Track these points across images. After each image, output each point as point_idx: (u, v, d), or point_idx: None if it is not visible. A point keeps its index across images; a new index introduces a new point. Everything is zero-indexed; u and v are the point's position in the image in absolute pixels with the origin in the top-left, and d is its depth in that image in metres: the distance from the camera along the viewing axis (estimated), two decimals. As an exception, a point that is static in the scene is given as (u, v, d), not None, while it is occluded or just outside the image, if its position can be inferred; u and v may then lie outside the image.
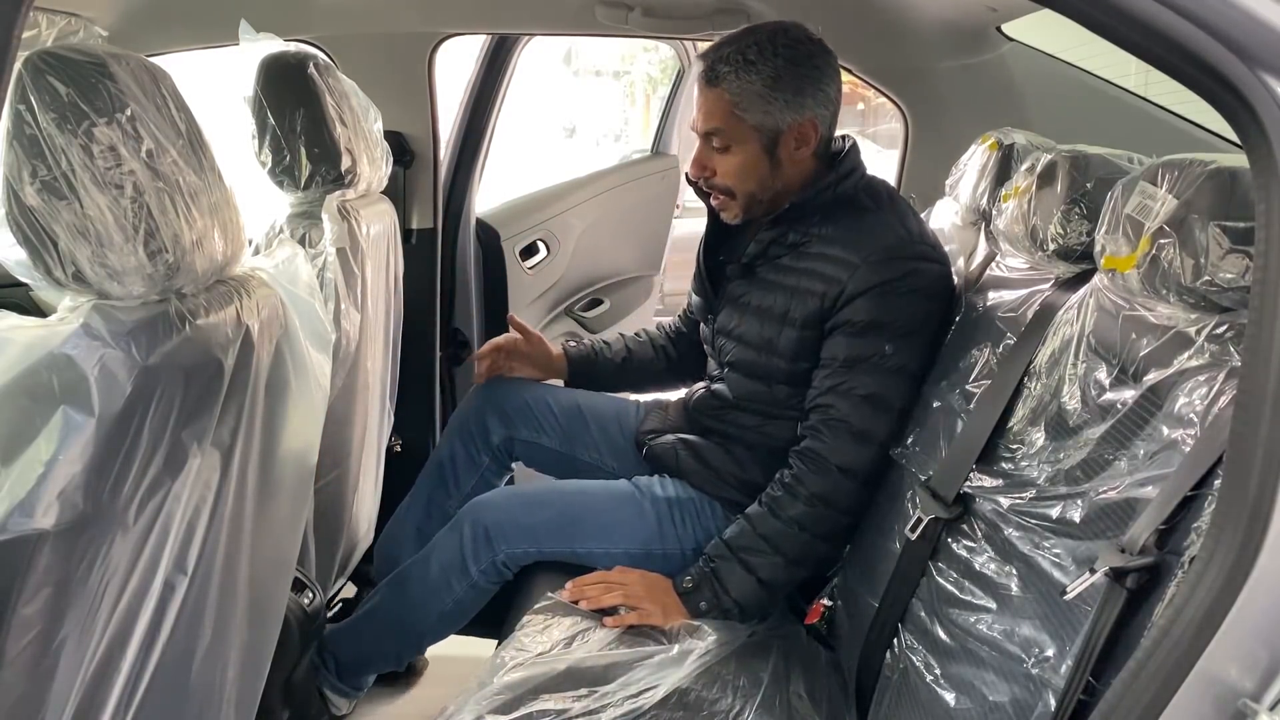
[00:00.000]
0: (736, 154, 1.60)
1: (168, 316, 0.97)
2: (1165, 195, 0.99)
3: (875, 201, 1.62)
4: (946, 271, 1.61)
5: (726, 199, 1.65)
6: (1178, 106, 1.98)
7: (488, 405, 1.90)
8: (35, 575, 0.84)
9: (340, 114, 1.78)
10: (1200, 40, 0.74)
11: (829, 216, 1.60)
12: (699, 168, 1.64)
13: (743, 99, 1.56)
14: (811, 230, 1.60)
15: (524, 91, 2.93)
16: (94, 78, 0.91)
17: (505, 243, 2.66)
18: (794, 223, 1.62)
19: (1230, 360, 0.92)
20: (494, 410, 1.88)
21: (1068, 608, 0.98)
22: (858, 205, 1.61)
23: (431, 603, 1.66)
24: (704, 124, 1.60)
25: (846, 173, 1.61)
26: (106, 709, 0.96)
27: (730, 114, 1.57)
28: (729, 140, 1.59)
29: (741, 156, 1.60)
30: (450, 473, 1.88)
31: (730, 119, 1.57)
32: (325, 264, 1.64)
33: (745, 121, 1.57)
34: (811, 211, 1.61)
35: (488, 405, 1.90)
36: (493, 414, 1.88)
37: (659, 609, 1.50)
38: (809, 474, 1.53)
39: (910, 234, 1.58)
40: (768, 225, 1.65)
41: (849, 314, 1.53)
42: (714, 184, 1.64)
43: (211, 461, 1.06)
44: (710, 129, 1.59)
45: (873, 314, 1.52)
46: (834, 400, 1.53)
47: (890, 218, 1.60)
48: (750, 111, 1.56)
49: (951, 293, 1.61)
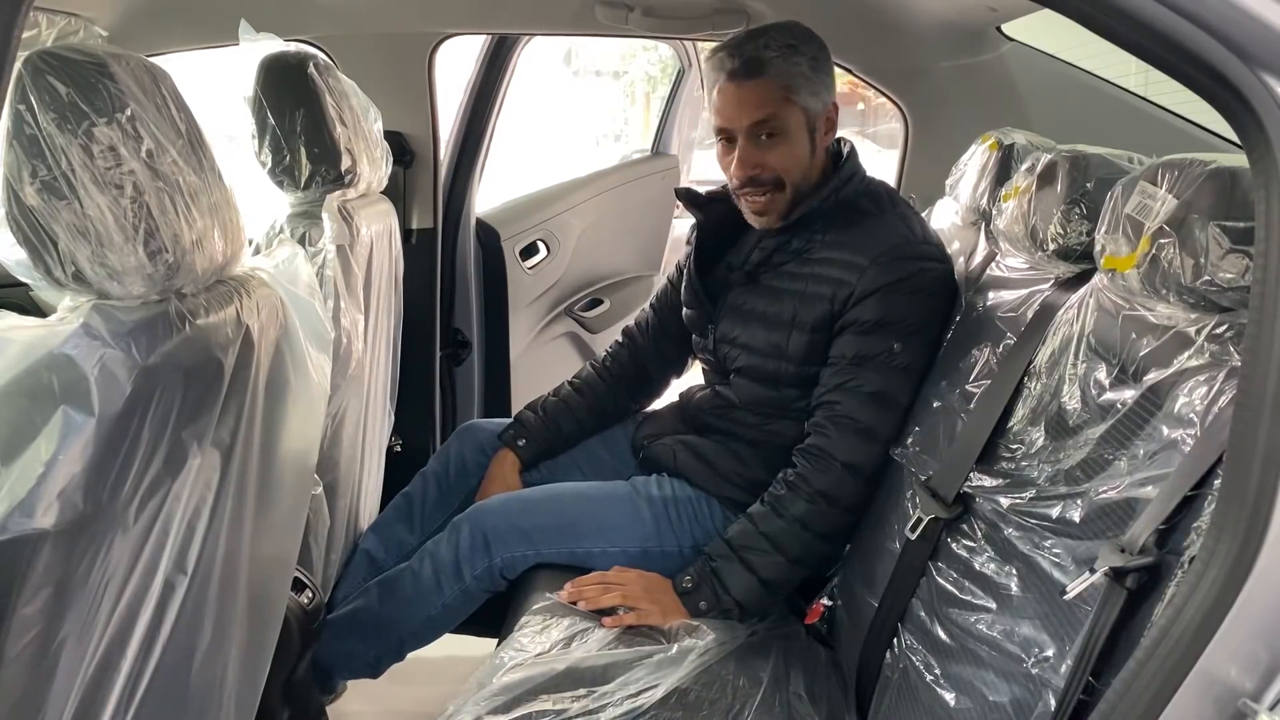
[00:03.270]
0: (786, 143, 1.58)
1: (168, 316, 0.97)
2: (1165, 195, 0.99)
3: (877, 205, 1.63)
4: (950, 271, 1.62)
5: (772, 197, 1.61)
6: (1178, 106, 1.98)
7: (467, 448, 1.90)
8: (35, 575, 0.84)
9: (340, 114, 1.78)
10: (1200, 40, 0.74)
11: (832, 222, 1.61)
12: (748, 166, 1.59)
13: (794, 81, 1.56)
14: (815, 236, 1.61)
15: (523, 92, 2.93)
16: (94, 78, 0.91)
17: (505, 243, 2.66)
18: (798, 229, 1.62)
19: (1230, 360, 0.92)
20: (473, 453, 1.87)
21: (1068, 608, 0.98)
22: (859, 209, 1.62)
23: (419, 606, 1.66)
24: (752, 116, 1.56)
25: (848, 177, 1.62)
26: (106, 709, 0.96)
27: (784, 99, 1.56)
28: (779, 128, 1.57)
29: (790, 145, 1.58)
30: (419, 510, 1.86)
31: (783, 104, 1.56)
32: (325, 264, 1.64)
33: (797, 104, 1.57)
34: (815, 218, 1.61)
35: (467, 448, 1.90)
36: (472, 457, 1.87)
37: (658, 609, 1.50)
38: (814, 471, 1.53)
39: (915, 235, 1.60)
40: (770, 233, 1.65)
41: (858, 313, 1.54)
42: (764, 180, 1.60)
43: (211, 461, 1.06)
44: (760, 118, 1.56)
45: (881, 313, 1.53)
46: (841, 397, 1.54)
47: (893, 219, 1.61)
48: (801, 94, 1.57)
49: (955, 292, 1.61)
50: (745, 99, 1.56)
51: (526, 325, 2.80)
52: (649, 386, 1.98)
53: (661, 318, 1.93)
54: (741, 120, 1.57)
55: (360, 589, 1.75)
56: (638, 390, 1.97)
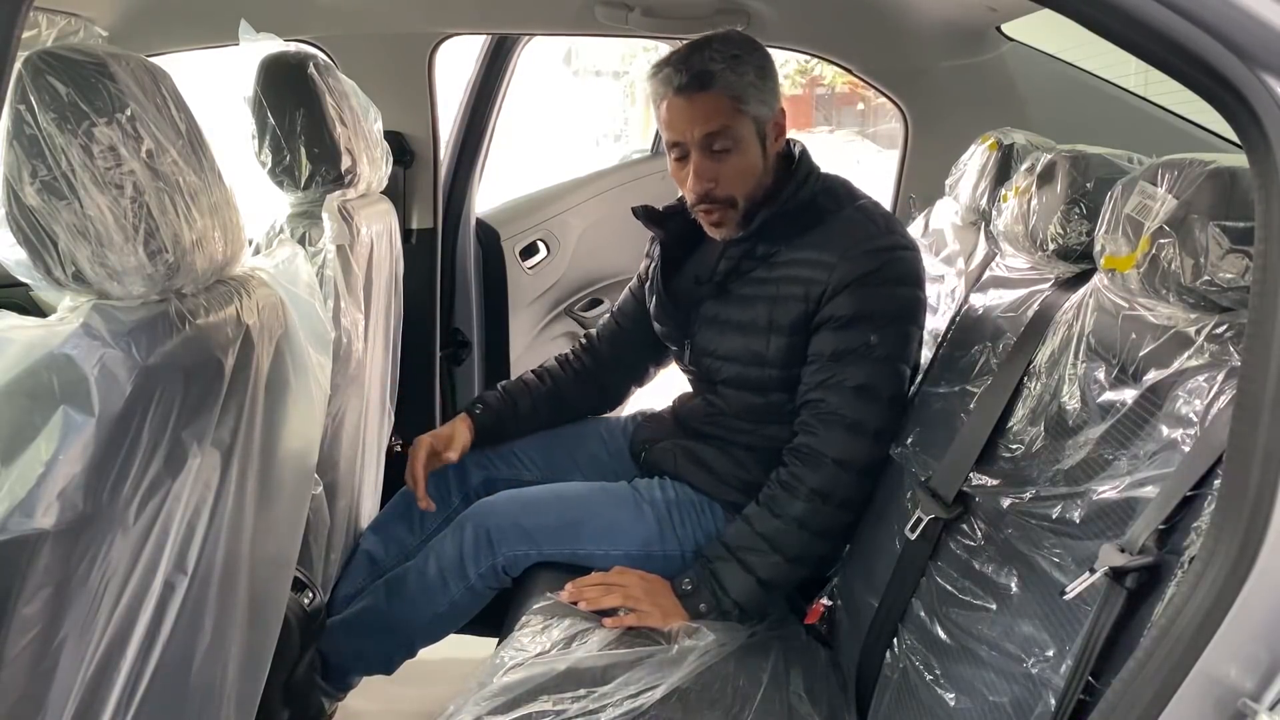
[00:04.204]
0: (739, 154, 1.58)
1: (168, 316, 0.97)
2: (1165, 195, 0.99)
3: (835, 201, 1.63)
4: (918, 257, 1.61)
5: (725, 212, 1.61)
6: (1178, 106, 1.98)
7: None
8: (35, 575, 0.84)
9: (340, 114, 1.78)
10: (1200, 40, 0.74)
11: (794, 223, 1.60)
12: (703, 181, 1.58)
13: (743, 92, 1.55)
14: (779, 239, 1.61)
15: (524, 92, 2.93)
16: (94, 78, 0.91)
17: (505, 243, 2.66)
18: (761, 236, 1.62)
19: (1230, 360, 0.92)
20: (470, 453, 1.86)
21: (1068, 607, 0.98)
22: (819, 207, 1.61)
23: (426, 604, 1.66)
24: (703, 128, 1.55)
25: (803, 178, 1.62)
26: (106, 709, 0.96)
27: (734, 110, 1.55)
28: (731, 140, 1.56)
29: (743, 156, 1.58)
30: (417, 510, 1.83)
31: (734, 115, 1.56)
32: (325, 264, 1.64)
33: (747, 115, 1.56)
34: (776, 222, 1.61)
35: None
36: (469, 456, 1.86)
37: (658, 610, 1.50)
38: (806, 469, 1.53)
39: (878, 227, 1.59)
40: (735, 241, 1.64)
41: (832, 309, 1.54)
42: (717, 196, 1.59)
43: (211, 461, 1.06)
44: (712, 130, 1.55)
45: (855, 307, 1.52)
46: (824, 394, 1.53)
47: (853, 213, 1.60)
48: (750, 103, 1.56)
49: (923, 277, 1.61)
50: (696, 112, 1.55)
51: (526, 325, 2.79)
52: (605, 394, 1.97)
53: (623, 327, 1.92)
54: (694, 132, 1.56)
55: (366, 589, 1.76)
56: (596, 395, 1.95)
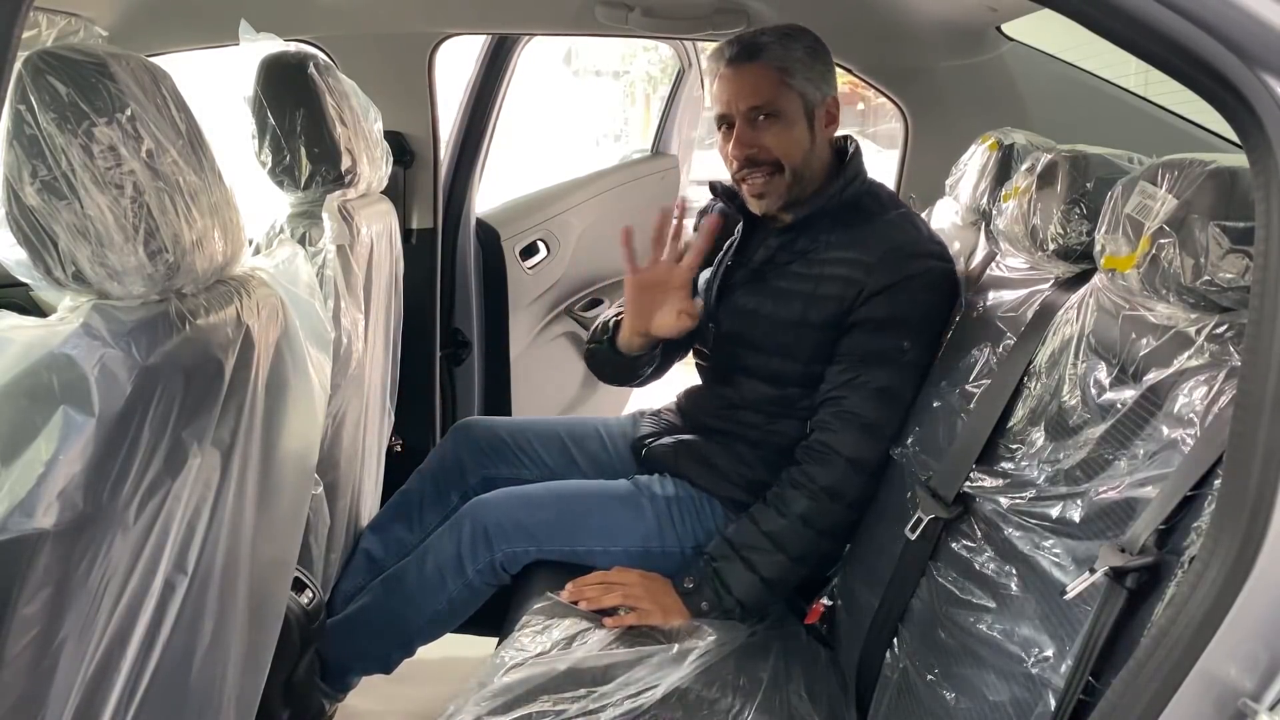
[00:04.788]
0: (782, 123, 1.59)
1: (168, 316, 0.97)
2: (1165, 195, 0.99)
3: (880, 205, 1.64)
4: (954, 270, 1.63)
5: (771, 178, 1.61)
6: (1178, 106, 1.98)
7: (463, 447, 1.90)
8: (35, 575, 0.84)
9: (340, 114, 1.78)
10: (1200, 40, 0.74)
11: (837, 221, 1.62)
12: (745, 145, 1.60)
13: (789, 65, 1.58)
14: (820, 236, 1.62)
15: (524, 92, 2.93)
16: (94, 78, 0.91)
17: (505, 243, 2.66)
18: (804, 229, 1.63)
19: (1230, 360, 0.92)
20: (470, 451, 1.87)
21: (1068, 608, 0.98)
22: (863, 209, 1.63)
23: (425, 602, 1.66)
24: (749, 100, 1.58)
25: (852, 177, 1.63)
26: (106, 709, 0.96)
27: (779, 82, 1.58)
28: (775, 110, 1.58)
29: (787, 126, 1.59)
30: (416, 509, 1.86)
31: (779, 87, 1.58)
32: (325, 264, 1.64)
33: (793, 88, 1.59)
34: (821, 217, 1.62)
35: (463, 447, 1.90)
36: (469, 455, 1.86)
37: (659, 609, 1.51)
38: (818, 467, 1.53)
39: (920, 234, 1.61)
40: (778, 232, 1.65)
41: (868, 311, 1.55)
42: (761, 160, 1.60)
43: (211, 461, 1.06)
44: (756, 102, 1.58)
45: (891, 310, 1.54)
46: (847, 393, 1.54)
47: (898, 219, 1.62)
48: (797, 77, 1.58)
49: (957, 292, 1.62)
50: (742, 83, 1.59)
51: (526, 325, 2.79)
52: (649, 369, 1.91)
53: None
54: (739, 104, 1.59)
55: (364, 588, 1.75)
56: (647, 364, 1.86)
